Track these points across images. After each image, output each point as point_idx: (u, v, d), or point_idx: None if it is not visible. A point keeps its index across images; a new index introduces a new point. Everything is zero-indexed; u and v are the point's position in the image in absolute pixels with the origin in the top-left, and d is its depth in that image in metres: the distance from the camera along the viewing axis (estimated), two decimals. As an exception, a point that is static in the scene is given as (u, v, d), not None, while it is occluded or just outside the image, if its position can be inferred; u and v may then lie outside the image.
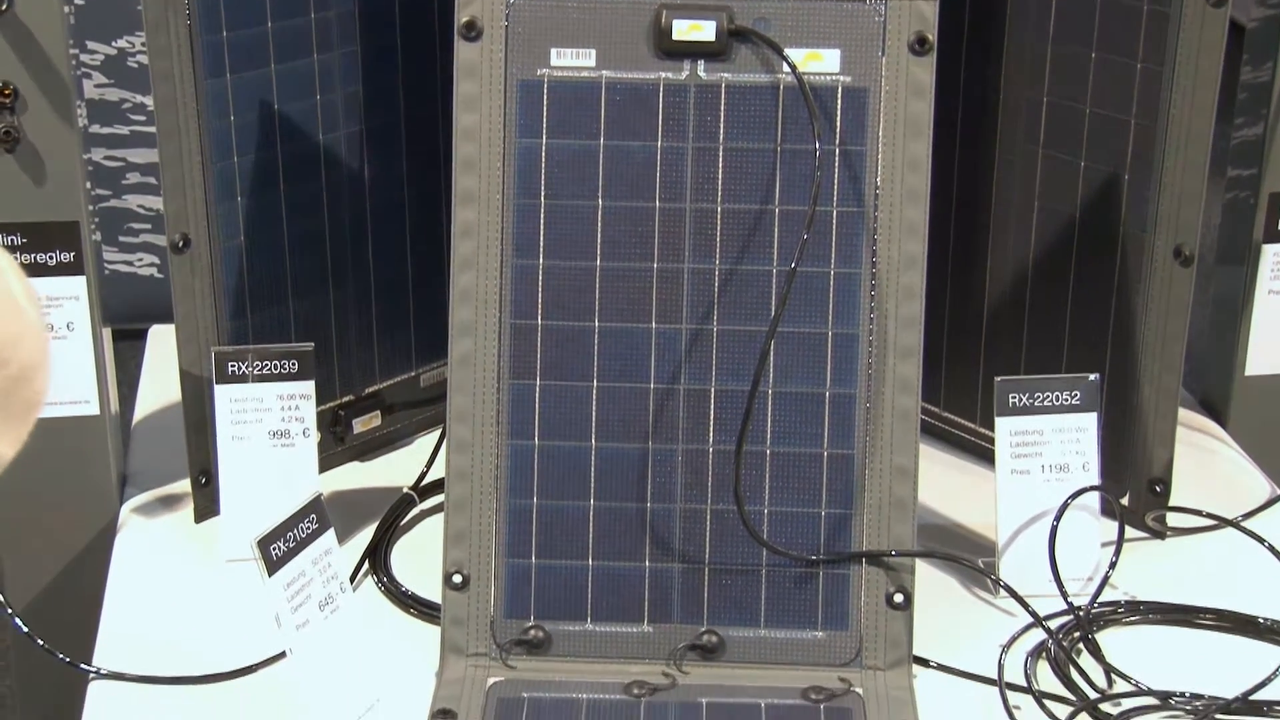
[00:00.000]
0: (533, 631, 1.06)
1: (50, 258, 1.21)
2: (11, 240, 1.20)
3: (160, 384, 1.43)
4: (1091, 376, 1.16)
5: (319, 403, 1.20)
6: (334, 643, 0.99)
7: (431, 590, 1.12)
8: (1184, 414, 1.29)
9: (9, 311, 0.73)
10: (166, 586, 1.16)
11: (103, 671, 1.06)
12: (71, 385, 1.24)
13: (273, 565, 0.95)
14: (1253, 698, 1.04)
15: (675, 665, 1.06)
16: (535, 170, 1.07)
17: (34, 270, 1.20)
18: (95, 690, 1.05)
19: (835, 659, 1.06)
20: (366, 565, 1.18)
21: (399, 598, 1.14)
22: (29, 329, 0.74)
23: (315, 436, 1.19)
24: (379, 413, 1.34)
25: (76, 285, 1.21)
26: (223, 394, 1.17)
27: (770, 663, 1.06)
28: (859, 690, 1.04)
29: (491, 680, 1.04)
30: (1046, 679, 1.07)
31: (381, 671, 1.02)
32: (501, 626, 1.06)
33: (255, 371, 1.17)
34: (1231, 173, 1.39)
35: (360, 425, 1.33)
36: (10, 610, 1.15)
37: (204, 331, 1.20)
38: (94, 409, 1.25)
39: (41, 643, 1.09)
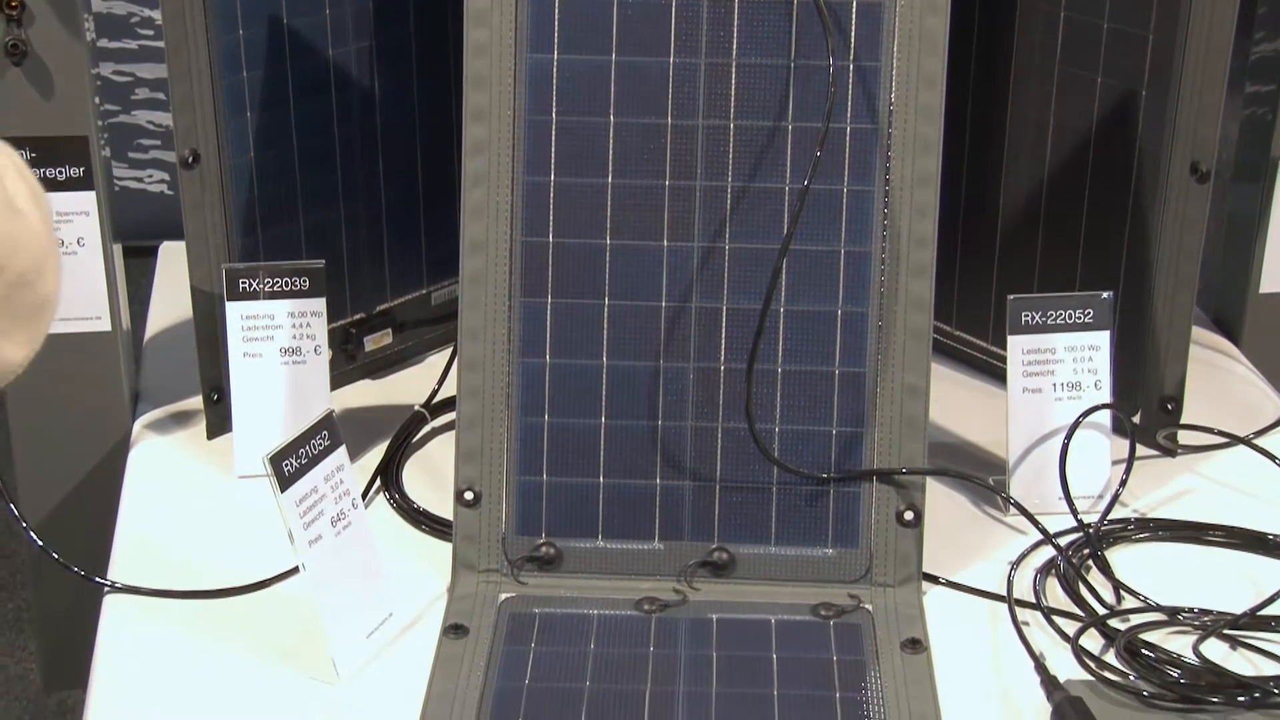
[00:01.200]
0: (544, 548, 1.07)
1: (60, 173, 1.20)
2: (21, 154, 1.19)
3: (171, 301, 1.43)
4: (1104, 294, 1.15)
5: (330, 320, 1.20)
6: (346, 558, 0.99)
7: (443, 507, 1.12)
8: (1197, 332, 1.29)
9: (12, 215, 0.71)
10: (180, 502, 1.17)
11: (118, 585, 1.07)
12: (83, 301, 1.24)
13: (285, 481, 0.95)
14: (1261, 613, 1.04)
15: (686, 582, 1.07)
16: (546, 86, 1.06)
17: (43, 185, 1.19)
18: (110, 604, 1.06)
19: (845, 576, 1.06)
20: (378, 482, 1.19)
21: (411, 514, 1.15)
22: (27, 232, 0.72)
23: (327, 354, 1.19)
24: (390, 330, 1.34)
25: (86, 200, 1.21)
26: (234, 311, 1.17)
27: (780, 579, 1.07)
28: (868, 606, 1.05)
29: (503, 596, 1.05)
30: (1055, 595, 1.07)
31: (394, 587, 1.03)
32: (513, 543, 1.07)
33: (266, 288, 1.17)
34: (1250, 88, 1.38)
35: (371, 343, 1.33)
36: (25, 525, 1.15)
37: (215, 248, 1.20)
38: (105, 325, 1.25)
39: (56, 557, 1.10)
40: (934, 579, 1.08)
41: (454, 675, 0.98)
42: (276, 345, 1.18)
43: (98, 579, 1.08)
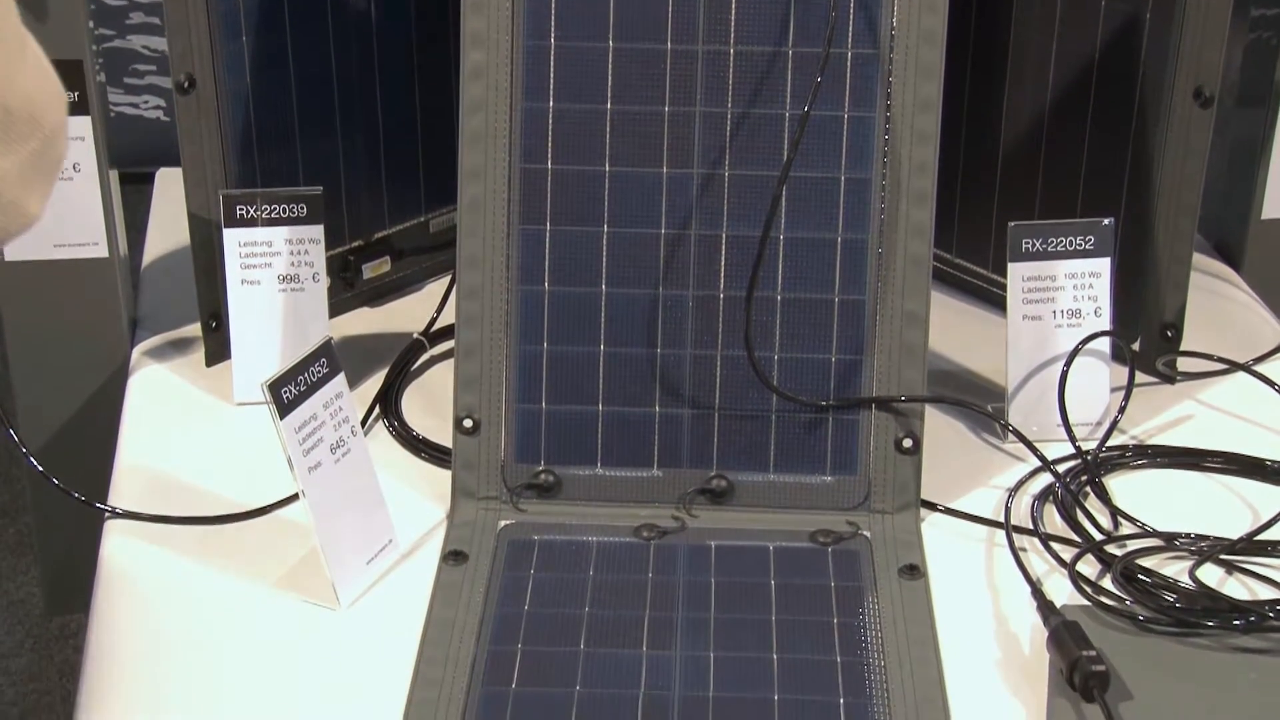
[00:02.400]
0: (543, 475, 1.07)
1: (54, 99, 1.19)
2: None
3: (169, 228, 1.42)
4: (1105, 221, 1.15)
5: (328, 248, 1.20)
6: (346, 485, 1.00)
7: (442, 435, 1.13)
8: (1198, 258, 1.29)
9: (43, 74, 0.77)
10: (179, 429, 1.17)
11: (118, 511, 1.07)
12: (80, 228, 1.23)
13: (284, 408, 0.95)
14: (1257, 538, 1.05)
15: (684, 509, 1.07)
16: (544, 11, 1.05)
17: (38, 112, 1.19)
18: (111, 529, 1.06)
19: (843, 503, 1.07)
20: (377, 410, 1.19)
21: (410, 442, 1.15)
22: (56, 91, 0.77)
23: (325, 281, 1.19)
24: (388, 258, 1.33)
25: (82, 126, 1.20)
26: (231, 237, 1.16)
27: (779, 507, 1.07)
28: (867, 533, 1.05)
29: (502, 523, 1.05)
30: (1053, 522, 1.08)
31: (393, 514, 1.03)
32: (512, 470, 1.07)
33: (264, 215, 1.16)
34: (1255, 12, 1.37)
35: (370, 270, 1.33)
36: (25, 450, 1.16)
37: (211, 174, 1.19)
38: (103, 251, 1.24)
39: (57, 483, 1.11)
40: (932, 506, 1.09)
41: (453, 601, 0.98)
42: (274, 272, 1.17)
43: (98, 505, 1.08)
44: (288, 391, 0.96)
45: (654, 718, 0.90)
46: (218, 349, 1.23)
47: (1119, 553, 1.03)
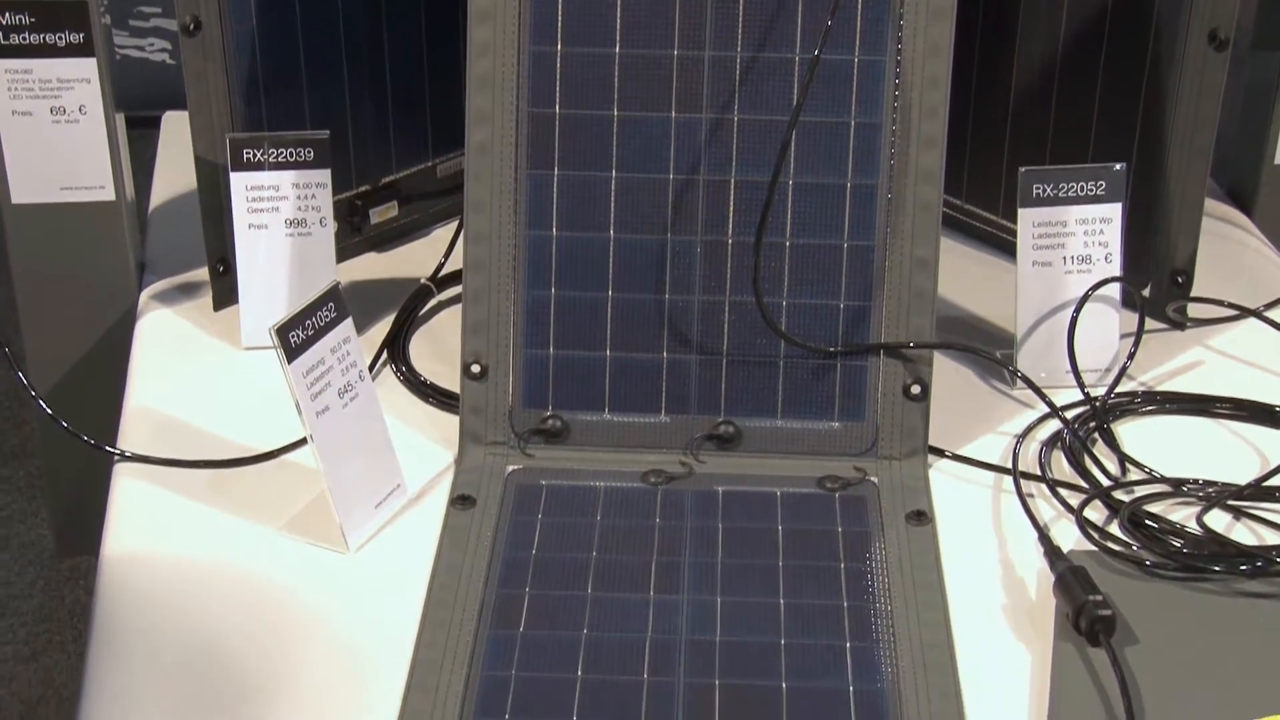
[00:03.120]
0: (550, 421, 1.07)
1: (59, 39, 1.19)
2: (19, 19, 1.18)
3: (176, 171, 1.42)
4: (1117, 166, 1.14)
5: (335, 193, 1.19)
6: (354, 430, 1.00)
7: (450, 380, 1.13)
8: (1209, 204, 1.28)
9: None
10: (187, 373, 1.17)
11: (127, 454, 1.07)
12: (86, 171, 1.23)
13: (292, 353, 0.95)
14: (1265, 484, 1.05)
15: (692, 455, 1.07)
16: (552, -48, 1.04)
17: (43, 52, 1.19)
18: (120, 472, 1.06)
19: (851, 449, 1.07)
20: (385, 355, 1.19)
21: (418, 387, 1.15)
22: None
23: (332, 226, 1.19)
24: (396, 203, 1.33)
25: (87, 68, 1.20)
26: (238, 181, 1.16)
27: (786, 452, 1.07)
28: (874, 479, 1.05)
29: (510, 468, 1.06)
30: (1061, 468, 1.08)
31: (401, 459, 1.03)
32: (520, 416, 1.07)
33: (271, 159, 1.16)
34: (1270, -45, 1.35)
35: (377, 216, 1.32)
36: (34, 393, 1.16)
37: (218, 118, 1.19)
38: (109, 194, 1.24)
39: (66, 425, 1.11)
40: (940, 452, 1.09)
41: (461, 546, 0.99)
42: (282, 217, 1.17)
43: (107, 448, 1.08)
44: (295, 336, 0.96)
45: (661, 661, 0.90)
46: (225, 293, 1.23)
47: (1126, 499, 1.03)
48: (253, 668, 0.90)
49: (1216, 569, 0.97)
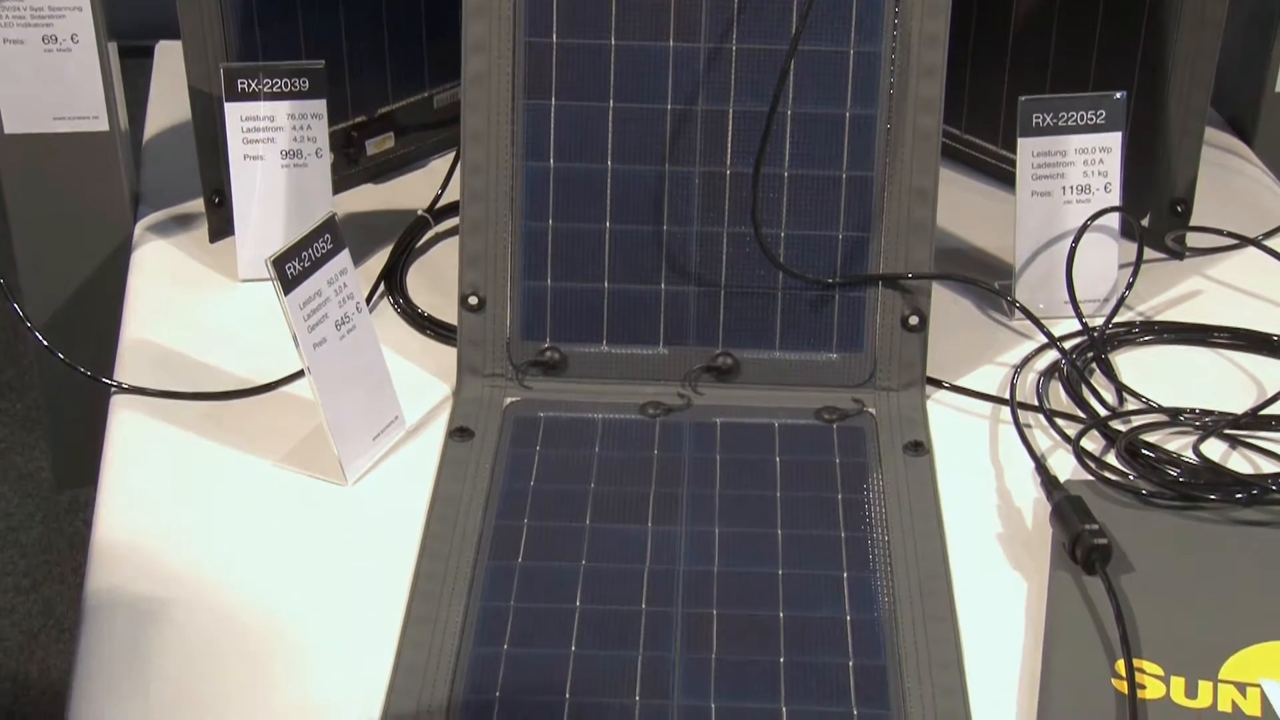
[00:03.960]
0: (549, 353, 1.07)
1: (50, -33, 1.17)
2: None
3: (170, 102, 1.41)
4: (1117, 95, 1.13)
5: (331, 123, 1.19)
6: (351, 362, 1.00)
7: (448, 312, 1.12)
8: (1209, 132, 1.28)
9: None
10: (183, 305, 1.17)
11: (125, 386, 1.07)
12: (79, 100, 1.22)
13: (288, 284, 0.95)
14: (1262, 413, 1.05)
15: (690, 386, 1.07)
16: (548, -122, 1.03)
17: (35, -17, 1.17)
18: (118, 404, 1.06)
19: (849, 380, 1.07)
20: (382, 287, 1.18)
21: (415, 319, 1.15)
22: None
23: (328, 157, 1.18)
24: (392, 134, 1.32)
25: (79, -4, 1.19)
26: (233, 112, 1.15)
27: (784, 384, 1.07)
28: (872, 410, 1.05)
29: (508, 400, 1.06)
30: (1058, 399, 1.08)
31: (399, 391, 1.03)
32: (517, 348, 1.07)
33: (266, 89, 1.15)
34: (1274, -120, 1.34)
35: (373, 147, 1.32)
36: (30, 325, 1.16)
37: (212, 48, 1.18)
38: (103, 124, 1.23)
39: (62, 357, 1.11)
40: (938, 383, 1.09)
41: (460, 477, 0.99)
42: (277, 148, 1.16)
43: (105, 380, 1.08)
44: (292, 267, 0.96)
45: (659, 591, 0.91)
46: (221, 225, 1.22)
47: (1123, 428, 1.03)
48: (251, 599, 0.91)
49: (1212, 497, 0.97)
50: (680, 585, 0.91)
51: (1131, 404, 1.07)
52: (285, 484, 0.99)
